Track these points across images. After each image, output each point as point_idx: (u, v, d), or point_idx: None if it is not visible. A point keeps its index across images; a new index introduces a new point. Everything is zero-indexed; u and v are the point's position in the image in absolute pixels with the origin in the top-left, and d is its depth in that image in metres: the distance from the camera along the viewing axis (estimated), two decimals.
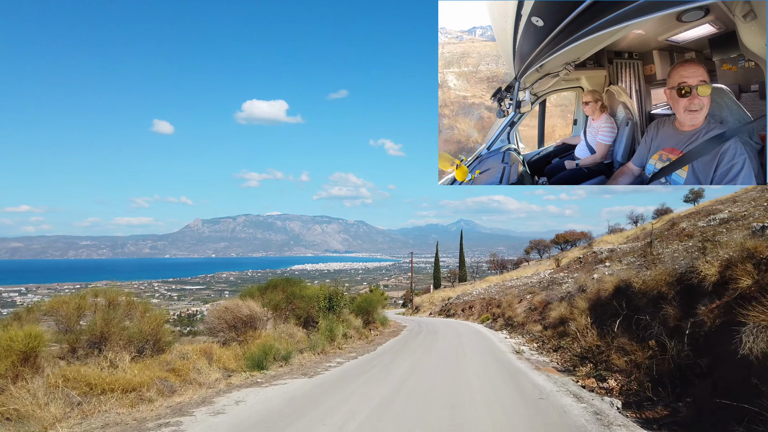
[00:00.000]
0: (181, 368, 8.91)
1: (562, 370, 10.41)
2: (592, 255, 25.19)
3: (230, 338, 12.38)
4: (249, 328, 12.60)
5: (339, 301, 17.33)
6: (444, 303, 41.07)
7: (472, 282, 53.80)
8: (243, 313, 12.69)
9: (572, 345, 11.76)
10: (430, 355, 13.02)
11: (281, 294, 16.36)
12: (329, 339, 14.54)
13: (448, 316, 35.12)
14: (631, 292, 9.77)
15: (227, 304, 13.07)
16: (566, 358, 11.38)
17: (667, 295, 8.17)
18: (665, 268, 9.03)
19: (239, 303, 13.05)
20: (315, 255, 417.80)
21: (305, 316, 16.13)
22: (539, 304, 18.83)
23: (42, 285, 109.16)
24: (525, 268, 45.45)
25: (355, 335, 17.39)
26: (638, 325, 8.48)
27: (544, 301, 18.54)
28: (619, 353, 8.58)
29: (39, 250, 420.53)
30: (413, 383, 8.81)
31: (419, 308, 47.73)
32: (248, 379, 9.57)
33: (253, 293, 15.88)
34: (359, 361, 12.12)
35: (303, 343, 13.51)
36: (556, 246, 50.71)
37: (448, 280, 66.71)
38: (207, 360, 9.86)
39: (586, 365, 9.66)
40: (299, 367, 11.16)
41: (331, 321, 15.53)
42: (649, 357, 7.52)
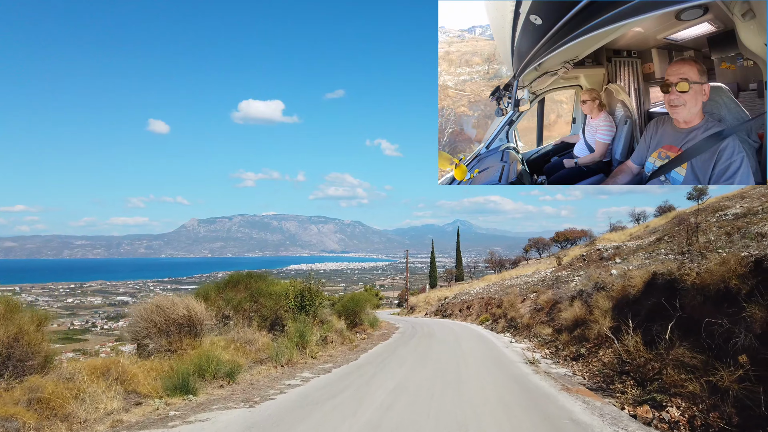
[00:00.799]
0: (56, 397, 6.18)
1: (592, 387, 8.40)
2: (596, 252, 24.21)
3: (162, 347, 9.50)
4: (187, 335, 9.80)
5: (313, 300, 14.67)
6: (440, 303, 39.87)
7: (470, 281, 53.15)
8: (179, 314, 9.77)
9: (598, 353, 10.16)
10: (423, 367, 10.59)
11: (244, 292, 14.04)
12: (299, 346, 12.20)
13: (444, 316, 33.93)
14: (676, 288, 8.05)
15: (160, 302, 9.97)
16: (593, 371, 9.54)
17: (738, 291, 6.49)
18: (733, 255, 7.28)
19: (175, 301, 10.08)
20: (311, 255, 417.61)
21: (273, 318, 13.81)
22: (546, 304, 17.67)
23: (36, 285, 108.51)
24: (524, 267, 44.95)
25: (337, 340, 15.03)
26: (694, 329, 6.80)
27: (551, 300, 17.38)
28: (678, 369, 6.55)
29: (34, 249, 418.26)
30: (396, 418, 6.41)
31: (415, 308, 46.57)
32: (156, 412, 6.92)
33: (209, 292, 13.49)
34: (331, 377, 9.64)
35: (265, 352, 11.06)
36: (555, 244, 50.26)
37: (445, 280, 65.53)
38: (107, 381, 7.12)
39: (626, 382, 7.78)
40: (246, 387, 8.66)
41: (302, 324, 13.02)
42: (739, 379, 5.44)
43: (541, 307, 18.01)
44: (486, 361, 11.55)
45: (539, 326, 16.17)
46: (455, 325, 25.48)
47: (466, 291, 38.95)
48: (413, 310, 45.90)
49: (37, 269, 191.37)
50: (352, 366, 11.08)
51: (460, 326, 24.09)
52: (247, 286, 14.49)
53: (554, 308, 16.30)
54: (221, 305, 12.99)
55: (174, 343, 9.58)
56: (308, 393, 8.13)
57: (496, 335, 18.64)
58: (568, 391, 8.04)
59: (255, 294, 13.96)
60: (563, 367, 10.52)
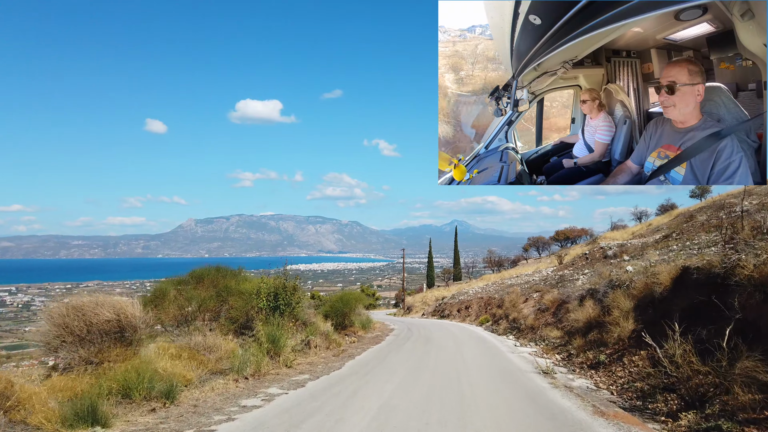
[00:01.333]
0: None
1: (628, 407, 6.85)
2: (599, 250, 23.27)
3: (81, 359, 7.58)
4: (117, 342, 7.93)
5: (290, 298, 12.78)
6: (438, 303, 38.45)
7: (468, 281, 52.33)
8: (103, 317, 7.81)
9: (621, 360, 8.95)
10: (417, 379, 9.03)
11: (210, 289, 12.36)
12: (271, 353, 10.54)
13: (442, 317, 32.96)
14: (721, 283, 7.09)
15: (79, 302, 7.94)
16: (620, 383, 8.12)
17: None
18: None
19: (101, 300, 8.10)
20: (309, 255, 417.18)
21: (243, 320, 12.07)
22: (551, 304, 16.81)
23: (33, 285, 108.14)
24: (524, 266, 44.37)
25: (322, 344, 13.33)
26: (756, 335, 5.81)
27: (557, 299, 16.55)
28: (749, 388, 5.29)
29: (30, 249, 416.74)
30: None
31: (411, 309, 45.32)
32: None
33: (167, 290, 11.78)
34: (302, 395, 7.85)
35: (228, 361, 9.34)
36: (556, 243, 49.62)
37: (442, 279, 64.21)
38: None
39: (670, 401, 6.50)
40: (186, 411, 6.78)
41: (276, 327, 11.30)
42: None
43: (546, 308, 17.18)
44: (493, 372, 9.99)
45: (545, 328, 15.31)
46: (453, 326, 24.29)
47: (464, 291, 37.52)
48: (410, 311, 44.83)
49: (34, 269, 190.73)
50: (332, 377, 9.48)
51: (458, 328, 22.93)
52: (214, 282, 12.78)
53: (561, 308, 15.55)
54: (182, 304, 11.15)
55: (101, 353, 7.67)
56: (264, 420, 6.29)
57: (498, 338, 17.52)
58: (604, 415, 6.36)
59: (222, 292, 12.28)
60: (581, 377, 9.24)
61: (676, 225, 20.31)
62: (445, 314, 32.98)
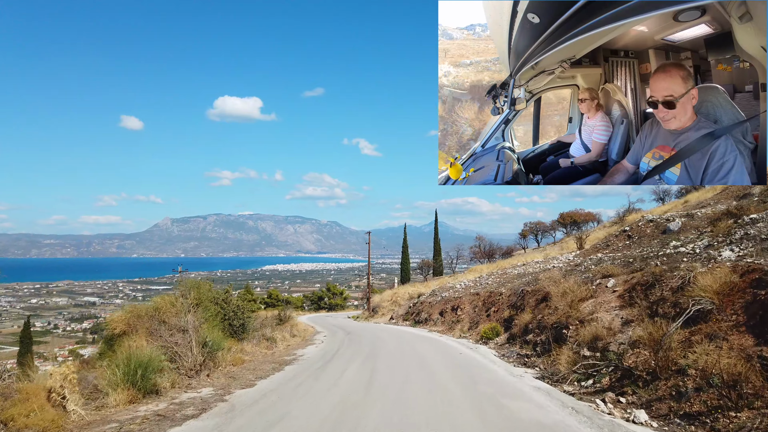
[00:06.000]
0: None
1: None
2: (648, 224, 17.01)
3: None
4: None
5: None
6: (412, 302, 29.50)
7: (452, 275, 43.09)
8: None
9: None
10: None
11: None
12: None
13: (417, 322, 24.72)
14: None
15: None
16: None
17: None
18: None
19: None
20: (287, 255, 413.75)
21: None
22: None
23: (0, 285, 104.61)
24: (522, 256, 34.53)
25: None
26: None
27: None
28: None
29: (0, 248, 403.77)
30: None
31: (378, 310, 35.68)
32: None
33: None
34: None
35: None
36: (561, 229, 42.08)
37: (420, 274, 53.32)
38: None
39: None
40: None
41: None
42: None
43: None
44: None
45: None
46: (434, 343, 15.54)
47: (449, 285, 27.76)
48: (375, 313, 35.48)
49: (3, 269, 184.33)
50: None
51: (444, 350, 13.73)
52: None
53: None
54: None
55: None
56: None
57: (573, 400, 7.35)
58: None
59: None
60: None
61: (692, 212, 16.15)
62: (420, 319, 24.75)
